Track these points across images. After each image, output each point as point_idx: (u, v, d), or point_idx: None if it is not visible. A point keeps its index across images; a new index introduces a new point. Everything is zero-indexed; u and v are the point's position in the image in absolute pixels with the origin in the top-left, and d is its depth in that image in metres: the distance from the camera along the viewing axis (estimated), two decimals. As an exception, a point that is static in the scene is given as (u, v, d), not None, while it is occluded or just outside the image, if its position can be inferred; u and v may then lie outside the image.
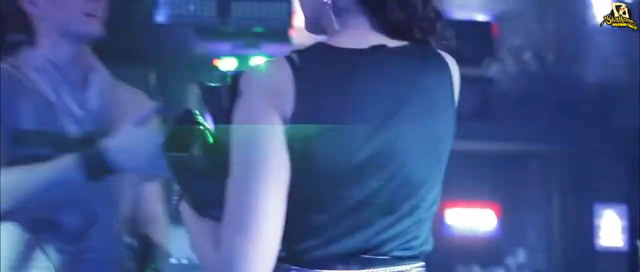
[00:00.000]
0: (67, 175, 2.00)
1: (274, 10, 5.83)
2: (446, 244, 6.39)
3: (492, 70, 6.48)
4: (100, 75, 2.16)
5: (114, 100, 2.14)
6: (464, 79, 1.68)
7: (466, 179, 6.45)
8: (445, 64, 1.56)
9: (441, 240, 1.83)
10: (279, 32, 5.88)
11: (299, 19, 5.89)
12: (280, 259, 1.47)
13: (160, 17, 5.77)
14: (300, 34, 5.84)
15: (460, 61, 1.67)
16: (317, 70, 1.47)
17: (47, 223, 2.08)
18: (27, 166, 2.01)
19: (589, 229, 6.85)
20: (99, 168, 1.98)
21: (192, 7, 5.69)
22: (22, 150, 2.07)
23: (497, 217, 7.18)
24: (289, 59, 1.44)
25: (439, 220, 1.90)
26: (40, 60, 2.12)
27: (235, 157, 1.45)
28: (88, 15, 2.09)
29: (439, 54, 1.55)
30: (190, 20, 5.81)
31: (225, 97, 1.48)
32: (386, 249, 1.49)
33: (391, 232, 1.51)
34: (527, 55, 6.60)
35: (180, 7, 5.80)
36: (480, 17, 6.55)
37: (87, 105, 2.13)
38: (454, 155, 1.61)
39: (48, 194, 2.02)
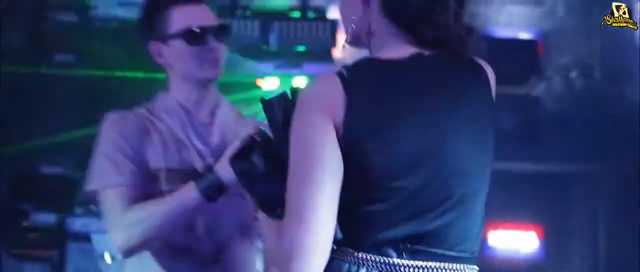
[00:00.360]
0: (188, 199, 2.30)
1: (316, 30, 5.83)
2: (489, 266, 6.33)
3: (538, 89, 6.44)
4: (224, 110, 2.48)
5: (233, 134, 2.39)
6: (509, 98, 1.89)
7: (509, 201, 6.39)
8: (479, 67, 1.75)
9: (484, 261, 1.86)
10: (322, 51, 5.89)
11: (341, 38, 5.88)
12: (340, 243, 1.68)
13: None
14: (342, 53, 5.84)
15: (505, 80, 1.83)
16: (363, 81, 1.67)
17: (182, 250, 2.40)
18: (156, 199, 2.33)
19: (634, 253, 6.74)
20: (211, 187, 2.28)
21: (235, 27, 5.71)
22: (153, 186, 2.38)
23: (540, 240, 7.10)
24: (339, 74, 1.66)
25: (481, 241, 1.95)
26: (171, 103, 2.45)
27: (294, 161, 1.65)
28: (207, 61, 2.40)
29: (472, 59, 1.74)
30: (233, 40, 5.84)
31: (284, 110, 1.72)
32: (438, 240, 1.66)
33: (443, 219, 1.67)
34: (574, 74, 6.55)
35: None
36: (526, 36, 6.51)
37: (210, 141, 2.44)
38: (498, 175, 1.71)
39: (177, 220, 2.33)
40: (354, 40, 1.78)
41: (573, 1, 6.52)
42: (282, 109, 1.74)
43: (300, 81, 5.95)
